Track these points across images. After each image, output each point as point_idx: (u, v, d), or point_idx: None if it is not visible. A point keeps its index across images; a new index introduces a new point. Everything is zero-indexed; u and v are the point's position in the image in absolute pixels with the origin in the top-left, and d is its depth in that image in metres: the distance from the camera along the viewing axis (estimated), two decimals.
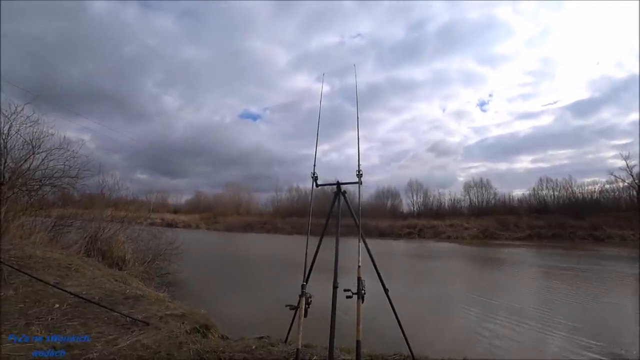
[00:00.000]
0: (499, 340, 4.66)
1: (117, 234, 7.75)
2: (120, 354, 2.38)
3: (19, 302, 3.27)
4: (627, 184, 29.98)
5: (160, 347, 2.54)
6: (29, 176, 7.37)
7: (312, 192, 2.48)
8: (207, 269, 10.61)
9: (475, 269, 12.45)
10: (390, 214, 38.20)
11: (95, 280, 4.41)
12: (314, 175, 2.43)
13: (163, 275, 7.54)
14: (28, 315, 2.99)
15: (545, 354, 4.27)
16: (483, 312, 6.05)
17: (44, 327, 2.74)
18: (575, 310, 6.29)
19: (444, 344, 4.32)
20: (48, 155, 7.70)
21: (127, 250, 7.47)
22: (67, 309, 3.21)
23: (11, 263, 3.95)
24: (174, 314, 3.45)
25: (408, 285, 8.60)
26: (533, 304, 6.67)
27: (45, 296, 3.47)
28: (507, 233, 27.25)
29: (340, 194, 2.41)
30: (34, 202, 7.59)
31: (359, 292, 1.85)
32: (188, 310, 3.70)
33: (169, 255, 8.52)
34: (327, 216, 2.49)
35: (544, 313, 5.97)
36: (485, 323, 5.42)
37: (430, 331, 4.91)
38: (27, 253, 5.02)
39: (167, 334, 2.85)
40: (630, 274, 10.30)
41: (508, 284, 9.22)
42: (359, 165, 2.36)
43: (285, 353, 2.54)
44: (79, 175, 8.12)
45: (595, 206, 29.25)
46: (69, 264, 4.96)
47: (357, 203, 2.32)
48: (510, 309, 6.22)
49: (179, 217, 40.16)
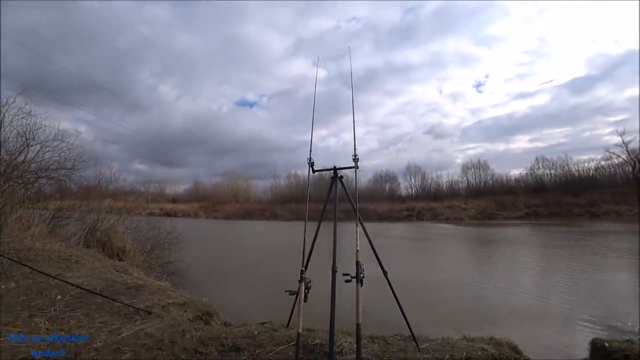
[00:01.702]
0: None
1: (116, 225, 7.75)
2: (124, 342, 2.41)
3: (21, 295, 3.29)
4: (623, 160, 30.13)
5: (163, 335, 2.57)
6: (25, 168, 7.31)
7: (308, 178, 2.47)
8: (207, 257, 10.69)
9: (473, 252, 12.60)
10: (389, 197, 38.42)
11: (96, 271, 4.44)
12: (310, 161, 2.41)
13: (164, 265, 7.58)
14: (31, 307, 3.01)
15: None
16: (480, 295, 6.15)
17: (47, 319, 2.76)
18: (570, 286, 6.40)
19: (443, 323, 4.40)
20: (43, 147, 7.62)
21: (126, 241, 7.48)
22: (69, 300, 3.24)
23: (11, 256, 3.95)
24: (176, 303, 3.49)
25: (409, 270, 8.71)
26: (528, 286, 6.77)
27: (47, 288, 3.48)
28: (505, 213, 27.51)
29: (337, 179, 2.39)
30: (30, 194, 7.56)
31: (358, 276, 1.86)
32: (190, 299, 3.74)
33: (169, 244, 8.55)
34: (325, 202, 2.49)
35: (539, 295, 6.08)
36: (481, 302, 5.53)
37: (429, 312, 5.00)
38: (26, 246, 5.03)
39: (170, 322, 2.88)
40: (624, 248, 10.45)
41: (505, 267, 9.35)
42: (355, 149, 2.34)
43: (287, 337, 2.57)
44: (75, 167, 8.06)
45: (591, 183, 29.51)
46: (69, 256, 4.97)
47: (354, 187, 2.31)
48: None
49: (177, 207, 40.25)
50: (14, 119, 7.24)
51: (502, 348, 2.60)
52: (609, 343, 2.70)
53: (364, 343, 2.50)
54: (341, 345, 2.44)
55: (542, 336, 4.07)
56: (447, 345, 2.53)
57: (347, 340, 2.50)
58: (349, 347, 2.42)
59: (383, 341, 2.63)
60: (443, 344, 2.57)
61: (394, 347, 2.51)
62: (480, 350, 2.47)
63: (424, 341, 2.60)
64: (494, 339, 2.76)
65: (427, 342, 2.59)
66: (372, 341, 2.61)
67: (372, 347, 2.50)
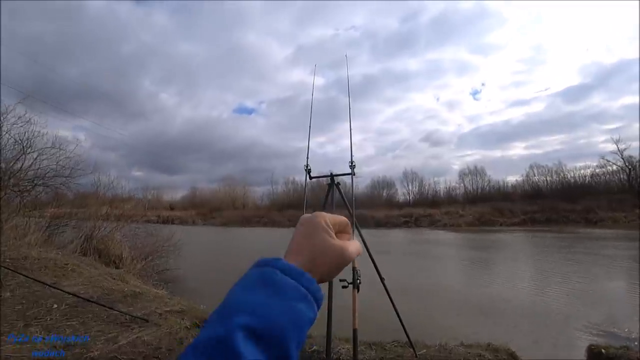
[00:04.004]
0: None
1: (113, 233, 7.71)
2: (121, 351, 2.39)
3: (17, 304, 3.26)
4: (618, 167, 30.41)
5: (160, 343, 2.56)
6: (21, 176, 7.29)
7: (305, 185, 2.49)
8: (205, 265, 10.62)
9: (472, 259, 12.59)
10: (386, 203, 38.40)
11: (92, 279, 4.41)
12: (307, 168, 2.44)
13: (161, 272, 7.53)
14: (26, 316, 2.99)
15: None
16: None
17: (43, 328, 2.74)
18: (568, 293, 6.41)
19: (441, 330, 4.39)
20: (40, 154, 7.62)
21: (123, 249, 7.44)
22: (65, 309, 3.21)
23: (6, 264, 3.93)
24: (174, 310, 3.47)
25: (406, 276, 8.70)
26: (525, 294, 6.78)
27: (42, 297, 3.46)
28: (502, 219, 27.52)
29: (334, 185, 2.42)
30: (27, 202, 7.52)
31: (354, 282, 1.87)
32: (187, 306, 3.72)
33: (166, 252, 8.51)
34: (322, 208, 2.51)
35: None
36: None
37: (427, 318, 4.99)
38: (22, 254, 4.99)
39: (167, 330, 2.87)
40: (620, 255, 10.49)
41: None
42: (351, 156, 2.37)
43: None
44: (72, 175, 8.05)
45: (587, 190, 29.68)
46: (65, 264, 4.94)
47: (351, 194, 2.33)
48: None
49: (174, 214, 40.01)
50: (12, 127, 7.26)
51: (499, 354, 2.61)
52: (605, 349, 2.71)
53: (361, 349, 2.50)
54: (339, 351, 2.44)
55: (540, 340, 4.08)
56: (444, 352, 2.54)
57: (345, 347, 2.50)
58: (346, 354, 2.42)
59: (380, 347, 2.63)
60: (440, 350, 2.58)
61: (391, 354, 2.51)
62: (477, 356, 2.48)
63: (421, 347, 2.61)
64: (492, 345, 2.77)
65: (425, 349, 2.60)
66: (370, 347, 2.61)
67: (370, 353, 2.50)
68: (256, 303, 0.32)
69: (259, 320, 0.30)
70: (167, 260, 8.37)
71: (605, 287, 6.76)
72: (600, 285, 6.89)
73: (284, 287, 0.33)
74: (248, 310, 0.31)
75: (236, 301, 0.33)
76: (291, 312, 0.32)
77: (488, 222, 27.36)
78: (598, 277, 7.67)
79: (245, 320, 0.30)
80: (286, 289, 0.33)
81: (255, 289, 0.33)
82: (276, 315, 0.31)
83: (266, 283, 0.33)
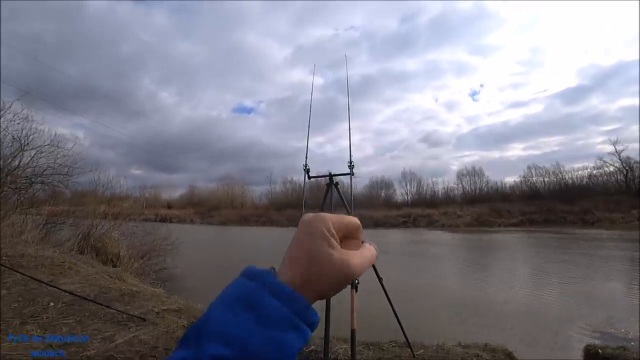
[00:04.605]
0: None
1: (110, 231, 7.68)
2: (118, 350, 2.38)
3: (13, 302, 3.24)
4: (616, 168, 30.54)
5: (157, 342, 2.55)
6: (18, 174, 7.26)
7: (304, 184, 2.48)
8: (202, 263, 10.61)
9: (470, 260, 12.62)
10: (385, 203, 38.45)
11: (89, 278, 4.39)
12: (306, 168, 2.43)
13: (158, 271, 7.51)
14: (23, 314, 2.97)
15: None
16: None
17: (39, 326, 2.73)
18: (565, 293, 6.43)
19: (438, 330, 4.40)
20: (38, 152, 7.58)
21: (121, 247, 7.41)
22: (62, 307, 3.20)
23: (3, 262, 3.91)
24: (171, 309, 3.46)
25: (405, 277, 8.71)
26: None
27: (39, 295, 3.44)
28: (500, 220, 27.59)
29: (332, 185, 2.41)
30: (24, 200, 7.49)
31: (353, 282, 1.87)
32: (185, 305, 3.71)
33: (163, 250, 8.48)
34: (321, 208, 2.50)
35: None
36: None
37: (425, 318, 4.99)
38: (19, 252, 4.97)
39: (164, 329, 2.86)
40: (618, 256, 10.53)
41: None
42: (350, 156, 2.37)
43: None
44: (70, 173, 8.02)
45: (585, 191, 29.78)
46: (62, 262, 4.91)
47: (349, 194, 2.33)
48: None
49: (172, 212, 39.88)
50: (10, 124, 7.23)
51: (497, 355, 2.61)
52: (602, 350, 2.72)
53: (359, 350, 2.49)
54: (336, 351, 2.44)
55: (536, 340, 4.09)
56: (442, 352, 2.54)
57: (342, 347, 2.50)
58: (344, 354, 2.41)
59: (378, 348, 2.63)
60: (438, 350, 2.58)
61: (389, 354, 2.51)
62: (475, 356, 2.48)
63: (419, 348, 2.61)
64: (489, 345, 2.78)
65: (423, 349, 2.60)
66: (368, 347, 2.61)
67: (367, 353, 2.50)
68: (234, 330, 0.27)
69: (233, 352, 0.26)
70: (164, 259, 8.35)
71: (602, 288, 6.78)
72: (598, 286, 6.91)
73: (270, 314, 0.28)
74: (224, 339, 0.27)
75: (214, 321, 0.28)
76: (274, 344, 0.27)
77: (486, 222, 27.42)
78: (595, 278, 7.69)
79: (218, 350, 0.26)
80: (272, 317, 0.28)
81: (237, 309, 0.29)
82: (256, 347, 0.27)
83: (251, 305, 0.29)
